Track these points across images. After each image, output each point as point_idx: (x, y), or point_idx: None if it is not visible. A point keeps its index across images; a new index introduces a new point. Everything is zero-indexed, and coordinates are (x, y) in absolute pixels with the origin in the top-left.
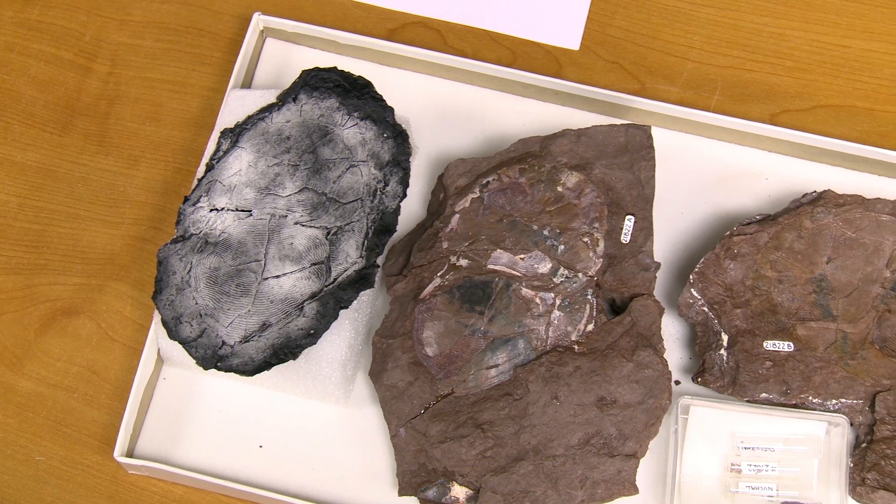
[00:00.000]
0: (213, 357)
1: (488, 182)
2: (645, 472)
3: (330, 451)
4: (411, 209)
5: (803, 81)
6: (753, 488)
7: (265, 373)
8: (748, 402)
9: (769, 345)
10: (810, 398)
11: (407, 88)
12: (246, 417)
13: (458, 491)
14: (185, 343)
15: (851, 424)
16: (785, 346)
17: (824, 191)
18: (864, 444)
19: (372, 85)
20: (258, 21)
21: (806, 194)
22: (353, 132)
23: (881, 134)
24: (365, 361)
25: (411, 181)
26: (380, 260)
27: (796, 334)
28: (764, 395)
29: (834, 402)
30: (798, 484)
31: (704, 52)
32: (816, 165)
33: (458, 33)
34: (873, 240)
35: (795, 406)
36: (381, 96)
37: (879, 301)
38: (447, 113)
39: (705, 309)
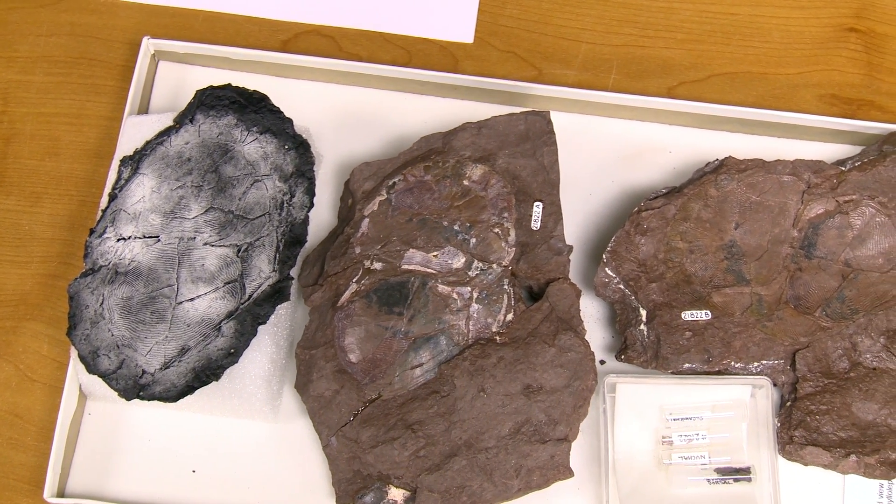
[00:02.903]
0: (134, 387)
1: (394, 183)
2: (578, 454)
3: (264, 467)
4: (322, 218)
5: (696, 52)
6: (686, 458)
7: (190, 397)
8: (672, 373)
9: (687, 315)
10: (732, 363)
11: (306, 98)
12: (176, 444)
13: (396, 493)
14: (104, 376)
15: (775, 385)
16: (702, 315)
17: (725, 158)
18: (788, 403)
19: (268, 98)
20: (148, 45)
21: (709, 163)
22: (253, 147)
23: (776, 97)
24: (290, 375)
25: (319, 190)
26: (294, 272)
27: (712, 302)
28: (687, 365)
29: (755, 364)
30: (729, 449)
31: (597, 32)
32: (717, 133)
33: (352, 38)
34: (778, 201)
35: (719, 373)
36: (278, 108)
37: (789, 261)
38: (348, 118)
39: (621, 286)
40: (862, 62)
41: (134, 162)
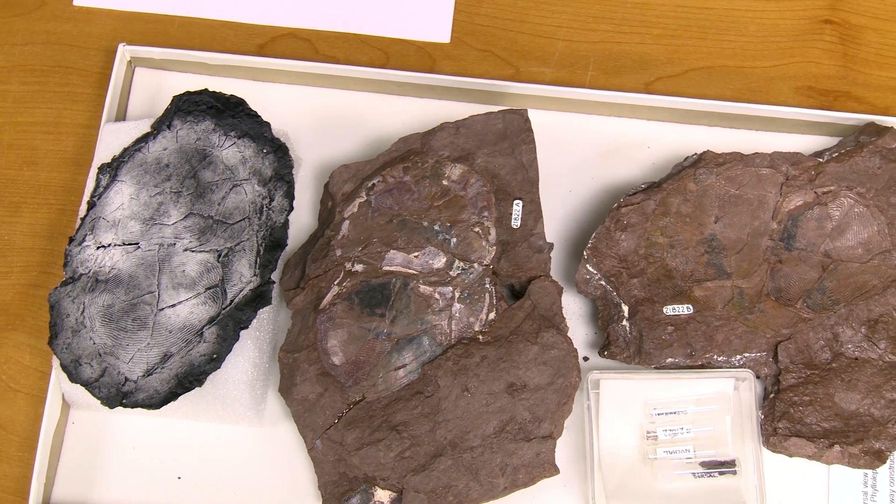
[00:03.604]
0: (117, 395)
1: (374, 184)
2: (563, 451)
3: (250, 472)
4: (303, 221)
5: (672, 47)
6: (671, 452)
7: (174, 403)
8: (656, 368)
9: (669, 310)
10: (715, 357)
11: (283, 101)
12: (161, 451)
13: (382, 495)
14: (87, 385)
15: (758, 377)
16: (684, 310)
17: (704, 152)
18: (771, 395)
19: (245, 102)
20: (124, 52)
21: (687, 157)
22: (231, 152)
23: (752, 90)
24: (274, 379)
25: (299, 193)
26: (275, 275)
27: (694, 296)
28: (670, 359)
29: (738, 357)
30: (714, 442)
31: (573, 29)
32: (695, 128)
33: (329, 40)
34: (756, 194)
35: (702, 366)
36: (255, 112)
37: (770, 253)
38: (326, 121)
39: (603, 283)
40: (838, 54)
41: (112, 169)
